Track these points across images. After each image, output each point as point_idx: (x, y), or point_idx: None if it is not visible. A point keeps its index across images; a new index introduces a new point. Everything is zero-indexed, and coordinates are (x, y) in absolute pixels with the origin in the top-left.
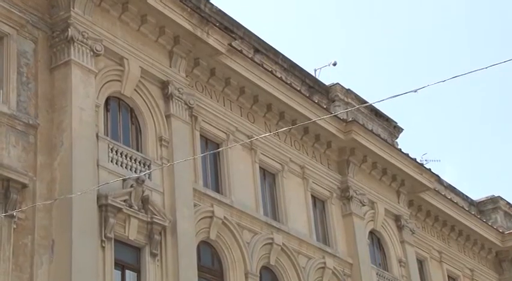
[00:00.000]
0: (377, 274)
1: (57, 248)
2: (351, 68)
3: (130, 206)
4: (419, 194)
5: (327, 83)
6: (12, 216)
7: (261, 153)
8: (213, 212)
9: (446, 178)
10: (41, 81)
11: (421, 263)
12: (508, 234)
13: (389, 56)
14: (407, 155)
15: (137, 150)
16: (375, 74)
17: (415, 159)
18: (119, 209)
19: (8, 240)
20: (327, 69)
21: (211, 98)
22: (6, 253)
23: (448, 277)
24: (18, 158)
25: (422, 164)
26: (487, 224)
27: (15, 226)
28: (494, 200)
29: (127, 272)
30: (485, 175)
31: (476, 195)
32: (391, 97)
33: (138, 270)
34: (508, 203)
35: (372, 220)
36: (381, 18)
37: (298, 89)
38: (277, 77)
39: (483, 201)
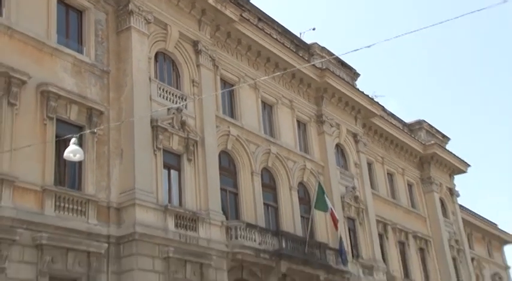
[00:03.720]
0: (340, 172)
1: (125, 155)
2: (328, 31)
3: (173, 127)
4: (370, 119)
5: (308, 42)
6: (94, 133)
7: (262, 91)
8: (229, 131)
9: (389, 107)
10: (111, 41)
11: (369, 165)
12: (428, 145)
13: (357, 22)
14: (362, 92)
15: (177, 88)
16: (346, 34)
17: (368, 95)
18: (165, 129)
19: (92, 148)
20: (309, 33)
21: (227, 53)
22: (92, 157)
23: (388, 173)
24: (97, 94)
25: (372, 98)
26: (414, 138)
27: (96, 139)
28: (420, 123)
29: (172, 171)
30: (415, 105)
31: (408, 119)
32: (351, 51)
33: (179, 170)
34: (429, 124)
35: (337, 137)
36: None
37: (288, 46)
38: (273, 38)
39: (413, 123)
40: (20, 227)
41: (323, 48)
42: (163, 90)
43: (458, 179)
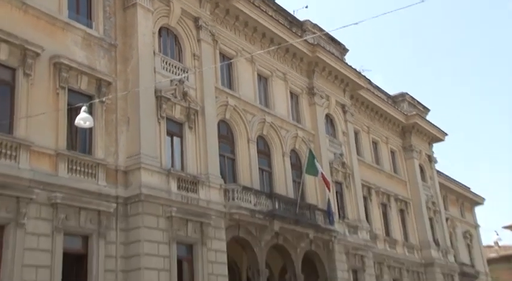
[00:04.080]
0: (329, 140)
1: (131, 122)
2: (320, 8)
3: (175, 97)
4: (358, 91)
5: (301, 19)
6: (103, 101)
7: (258, 64)
8: (227, 102)
9: (375, 81)
10: (118, 17)
11: (356, 133)
12: (409, 116)
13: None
14: (350, 66)
15: (179, 61)
16: (337, 12)
17: (356, 69)
18: (168, 99)
19: (101, 116)
20: (302, 10)
21: (226, 28)
22: (101, 124)
23: (372, 141)
24: (106, 65)
25: (360, 72)
26: (397, 109)
27: (105, 108)
28: (403, 95)
29: (174, 138)
30: (399, 78)
31: (392, 91)
32: (341, 27)
33: (181, 137)
34: (411, 96)
35: (327, 107)
36: None
37: (283, 23)
38: (269, 15)
39: (396, 95)
40: (36, 187)
41: (315, 25)
42: (166, 63)
43: (436, 147)
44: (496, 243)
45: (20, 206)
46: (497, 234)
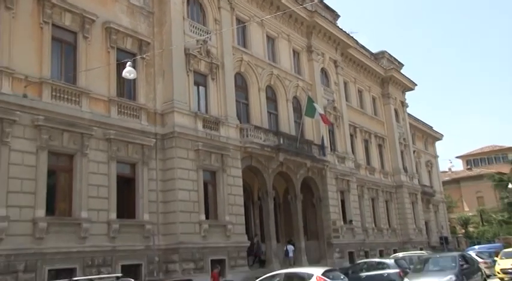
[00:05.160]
0: (323, 89)
1: (166, 75)
2: None
3: (201, 54)
4: (347, 49)
5: None
6: (143, 58)
7: (267, 28)
8: (242, 58)
9: (361, 41)
10: None
11: (345, 84)
12: (387, 70)
13: None
14: (341, 29)
15: (204, 25)
16: None
17: (345, 31)
18: (195, 56)
19: (142, 70)
20: None
21: None
22: (142, 76)
23: (358, 90)
24: (145, 29)
25: (349, 34)
26: (378, 64)
27: (145, 63)
28: (383, 53)
29: (200, 87)
30: (380, 39)
31: (374, 50)
32: None
33: (205, 86)
34: (389, 54)
35: (322, 63)
36: None
37: None
38: None
39: (377, 53)
40: (94, 126)
41: None
42: (193, 26)
43: (408, 95)
44: (450, 169)
45: (84, 140)
46: (451, 162)
